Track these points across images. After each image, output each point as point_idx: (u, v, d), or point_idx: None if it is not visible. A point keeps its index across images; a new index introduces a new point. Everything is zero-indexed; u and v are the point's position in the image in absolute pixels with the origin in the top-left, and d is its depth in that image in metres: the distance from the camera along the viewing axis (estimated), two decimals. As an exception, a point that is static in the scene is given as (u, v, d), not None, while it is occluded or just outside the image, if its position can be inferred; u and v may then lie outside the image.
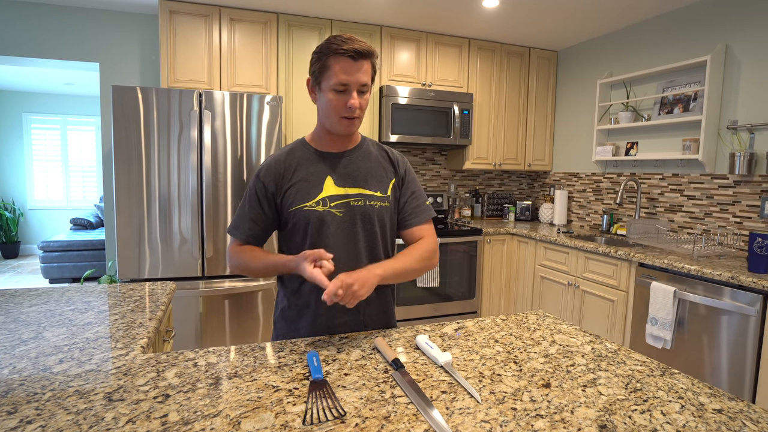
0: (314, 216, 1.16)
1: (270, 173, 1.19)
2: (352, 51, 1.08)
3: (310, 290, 1.20)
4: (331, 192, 1.18)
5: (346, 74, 1.09)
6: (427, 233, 1.27)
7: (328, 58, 1.10)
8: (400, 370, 0.91)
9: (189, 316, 2.65)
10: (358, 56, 1.09)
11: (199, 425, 0.71)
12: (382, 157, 1.28)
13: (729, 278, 2.01)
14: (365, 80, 1.12)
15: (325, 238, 1.17)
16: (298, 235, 1.19)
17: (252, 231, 1.21)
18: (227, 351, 1.01)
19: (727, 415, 0.77)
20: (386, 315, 1.29)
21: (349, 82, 1.10)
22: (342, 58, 1.09)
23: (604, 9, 3.00)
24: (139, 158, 2.53)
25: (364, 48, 1.09)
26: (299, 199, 1.17)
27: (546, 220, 3.95)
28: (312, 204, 1.17)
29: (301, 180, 1.18)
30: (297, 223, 1.18)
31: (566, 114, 3.91)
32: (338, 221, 1.18)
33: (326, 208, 1.17)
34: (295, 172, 1.19)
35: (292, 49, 3.18)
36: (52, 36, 3.07)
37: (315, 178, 1.19)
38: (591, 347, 1.08)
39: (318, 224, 1.16)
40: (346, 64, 1.09)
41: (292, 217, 1.18)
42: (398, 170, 1.28)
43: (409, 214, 1.27)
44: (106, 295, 1.45)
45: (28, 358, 0.96)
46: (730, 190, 2.64)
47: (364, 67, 1.11)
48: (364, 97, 1.14)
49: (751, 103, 2.52)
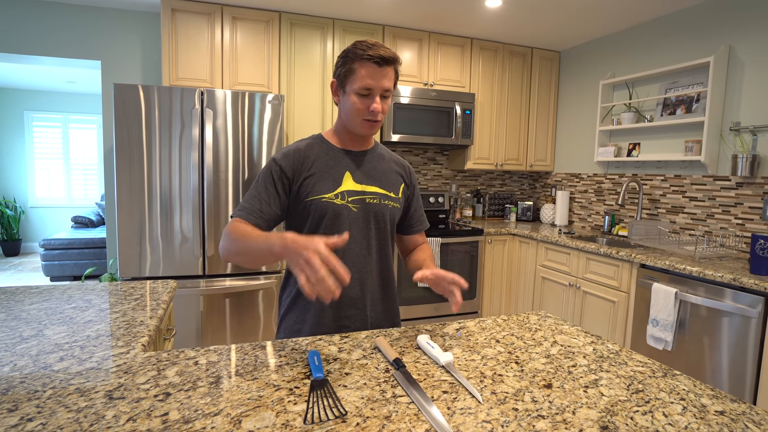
0: (331, 208, 1.18)
1: (289, 159, 1.19)
2: (377, 57, 1.12)
3: None
4: (350, 187, 1.21)
5: (371, 79, 1.13)
6: (424, 237, 1.44)
7: (354, 62, 1.14)
8: (402, 370, 0.91)
9: (190, 315, 2.65)
10: (383, 62, 1.13)
11: (199, 424, 0.71)
12: (394, 162, 1.34)
13: (731, 280, 2.00)
14: (388, 86, 1.15)
15: (338, 230, 1.19)
16: (312, 225, 1.20)
17: (263, 212, 1.15)
18: (228, 350, 1.01)
19: (729, 417, 0.77)
20: (392, 313, 1.33)
21: (373, 87, 1.13)
22: (368, 63, 1.12)
23: (607, 10, 2.99)
24: (140, 156, 2.53)
25: (389, 54, 1.13)
26: (318, 190, 1.18)
27: (547, 220, 3.94)
28: (331, 196, 1.19)
29: (321, 171, 1.20)
30: (312, 213, 1.18)
31: (568, 114, 3.91)
32: (353, 216, 1.21)
33: (344, 202, 1.20)
34: (314, 163, 1.21)
35: (294, 47, 3.17)
36: (54, 34, 3.07)
37: (335, 171, 1.21)
38: (592, 348, 1.07)
39: (334, 217, 1.19)
40: (371, 70, 1.12)
41: (307, 206, 1.18)
42: (408, 179, 1.35)
43: (416, 221, 1.39)
44: (107, 293, 1.45)
45: (29, 356, 0.96)
46: (732, 192, 2.64)
47: (388, 74, 1.15)
48: (386, 101, 1.18)
49: (754, 105, 2.51)
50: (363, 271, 1.24)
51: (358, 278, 1.23)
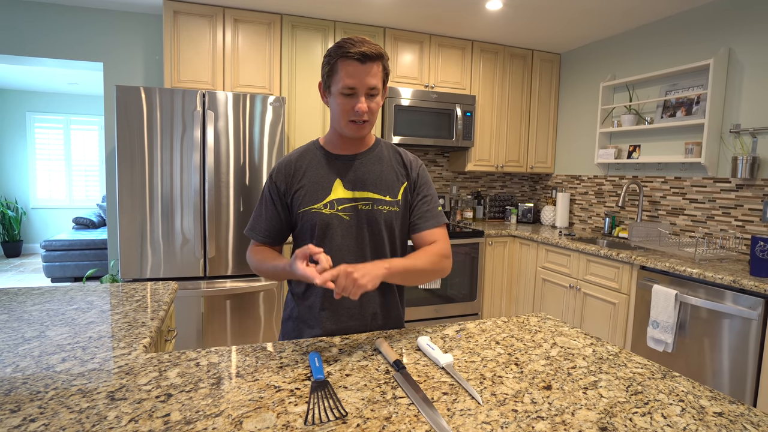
0: (321, 218, 1.16)
1: (281, 174, 1.21)
2: (358, 54, 1.06)
3: (316, 294, 1.21)
4: (340, 195, 1.18)
5: (353, 78, 1.07)
6: (439, 237, 1.22)
7: (336, 61, 1.09)
8: (402, 371, 0.91)
9: (191, 316, 2.65)
10: (366, 59, 1.07)
11: (201, 425, 0.72)
12: (396, 160, 1.25)
13: (731, 282, 2.00)
14: (373, 83, 1.09)
15: (330, 240, 1.17)
16: (306, 236, 1.20)
17: (268, 231, 1.23)
18: (229, 351, 1.01)
19: (727, 419, 0.77)
20: (393, 321, 1.28)
21: (356, 86, 1.08)
22: (349, 61, 1.07)
23: (608, 12, 3.00)
24: (142, 158, 2.53)
25: (371, 50, 1.07)
26: (307, 201, 1.18)
27: (548, 222, 3.95)
28: (319, 206, 1.17)
29: (311, 182, 1.19)
30: (304, 224, 1.19)
31: (569, 116, 3.91)
32: (345, 225, 1.18)
33: (333, 211, 1.17)
34: (305, 174, 1.19)
35: (296, 50, 3.18)
36: (56, 35, 3.08)
37: (324, 180, 1.19)
38: (592, 350, 1.08)
39: (324, 227, 1.17)
40: (353, 68, 1.07)
41: (300, 218, 1.19)
42: (410, 174, 1.24)
43: (420, 218, 1.23)
44: (109, 294, 1.46)
45: (31, 357, 0.96)
46: (732, 194, 2.64)
47: (372, 70, 1.08)
48: (374, 100, 1.12)
49: (754, 107, 2.52)
50: None
51: None
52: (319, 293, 1.20)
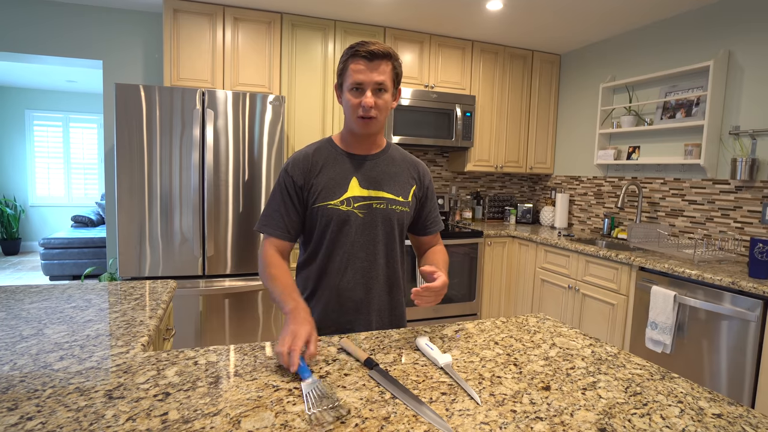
0: (337, 215, 1.19)
1: (298, 167, 1.21)
2: (366, 52, 1.12)
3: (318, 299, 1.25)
4: (356, 193, 1.21)
5: (361, 74, 1.13)
6: (439, 239, 1.40)
7: (347, 60, 1.15)
8: (376, 368, 0.91)
9: (189, 315, 2.65)
10: (373, 57, 1.12)
11: (199, 424, 0.71)
12: (407, 164, 1.31)
13: (729, 283, 2.00)
14: (381, 79, 1.14)
15: (345, 237, 1.20)
16: (319, 231, 1.22)
17: (286, 226, 1.21)
18: (227, 350, 1.01)
19: (726, 420, 0.77)
20: (397, 319, 1.32)
21: (363, 81, 1.13)
22: (358, 59, 1.13)
23: (608, 13, 3.00)
24: (141, 156, 2.53)
25: (380, 49, 1.13)
26: (324, 197, 1.19)
27: (547, 223, 3.95)
28: (336, 203, 1.19)
29: (328, 177, 1.21)
30: (320, 219, 1.20)
31: (568, 117, 3.91)
32: (360, 222, 1.21)
33: (350, 209, 1.20)
34: (322, 169, 1.21)
35: (296, 49, 3.18)
36: (55, 33, 3.08)
37: (341, 177, 1.21)
38: (591, 350, 1.08)
39: (340, 223, 1.19)
40: (361, 65, 1.13)
41: (315, 213, 1.20)
42: (422, 181, 1.33)
43: (431, 223, 1.36)
44: (107, 292, 1.46)
45: (29, 355, 0.96)
46: (731, 196, 2.64)
47: (380, 68, 1.13)
48: (382, 97, 1.16)
49: (754, 109, 2.52)
50: (369, 277, 1.24)
51: (364, 283, 1.24)
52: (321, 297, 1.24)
